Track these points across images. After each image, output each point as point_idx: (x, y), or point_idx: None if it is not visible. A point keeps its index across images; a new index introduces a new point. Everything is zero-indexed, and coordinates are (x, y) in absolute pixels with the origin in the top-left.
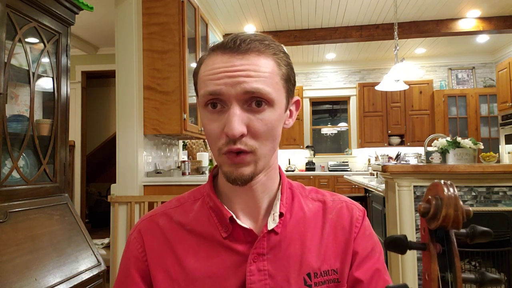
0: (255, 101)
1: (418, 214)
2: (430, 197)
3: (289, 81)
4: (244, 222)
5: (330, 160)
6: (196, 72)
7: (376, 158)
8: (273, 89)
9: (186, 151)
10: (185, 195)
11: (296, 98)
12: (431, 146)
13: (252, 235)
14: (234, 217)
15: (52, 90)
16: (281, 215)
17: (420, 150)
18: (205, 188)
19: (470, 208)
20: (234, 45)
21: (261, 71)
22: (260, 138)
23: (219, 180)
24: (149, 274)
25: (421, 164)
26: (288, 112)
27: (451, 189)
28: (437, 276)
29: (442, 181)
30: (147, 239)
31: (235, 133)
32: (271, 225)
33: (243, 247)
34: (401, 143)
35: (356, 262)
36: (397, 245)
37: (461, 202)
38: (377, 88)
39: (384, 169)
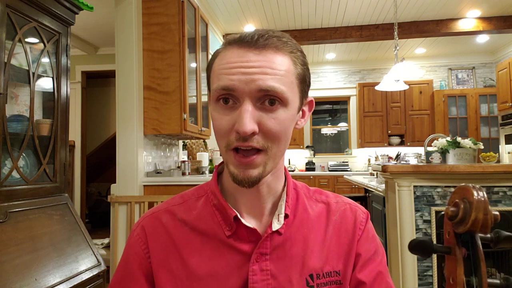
0: (269, 99)
1: (418, 214)
2: (457, 200)
3: (304, 82)
4: (248, 221)
5: (330, 160)
6: (210, 65)
7: (376, 158)
8: (288, 88)
9: (186, 151)
10: (189, 192)
11: (309, 98)
12: (431, 146)
13: (256, 235)
14: (239, 216)
15: (52, 90)
16: (286, 216)
17: (420, 150)
18: (209, 185)
19: (498, 212)
20: (252, 39)
21: (277, 69)
22: (272, 138)
23: (224, 177)
24: (151, 273)
25: (421, 164)
26: (300, 112)
27: (480, 193)
28: (462, 281)
29: (471, 185)
30: (150, 237)
31: (246, 130)
32: (275, 226)
33: (246, 247)
34: (401, 143)
35: (359, 264)
36: (422, 248)
37: (489, 206)
38: (377, 88)
39: (384, 169)
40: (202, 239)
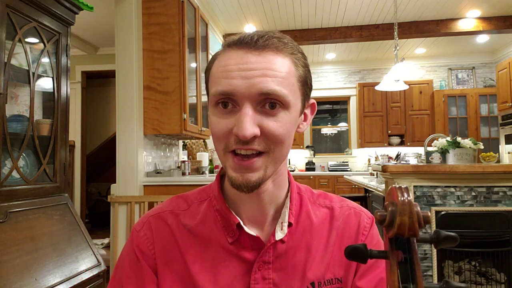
0: (269, 102)
1: None
2: (387, 203)
3: (306, 84)
4: (250, 228)
5: (330, 160)
6: (208, 68)
7: (376, 158)
8: (289, 91)
9: (186, 151)
10: (192, 196)
11: (312, 101)
12: (431, 146)
13: (259, 243)
14: (242, 223)
15: (52, 90)
16: (289, 224)
17: (420, 150)
18: (212, 189)
19: (429, 213)
20: (251, 40)
21: (278, 71)
22: (275, 141)
23: (226, 181)
24: (156, 272)
25: (421, 164)
26: (302, 116)
27: (405, 194)
28: (397, 287)
29: (397, 185)
30: (157, 237)
31: (246, 134)
32: (279, 235)
33: (249, 255)
34: (401, 143)
35: (360, 272)
36: (357, 254)
37: (416, 208)
38: (377, 88)
39: (384, 169)
40: (204, 246)
